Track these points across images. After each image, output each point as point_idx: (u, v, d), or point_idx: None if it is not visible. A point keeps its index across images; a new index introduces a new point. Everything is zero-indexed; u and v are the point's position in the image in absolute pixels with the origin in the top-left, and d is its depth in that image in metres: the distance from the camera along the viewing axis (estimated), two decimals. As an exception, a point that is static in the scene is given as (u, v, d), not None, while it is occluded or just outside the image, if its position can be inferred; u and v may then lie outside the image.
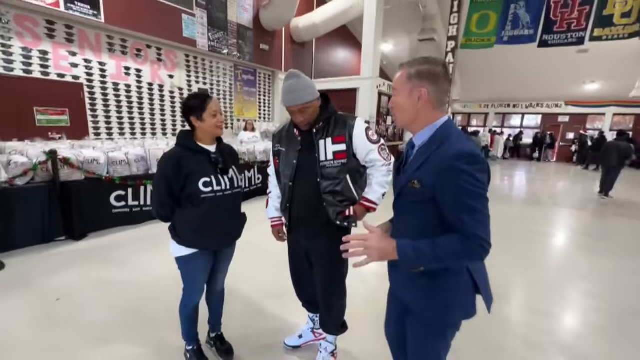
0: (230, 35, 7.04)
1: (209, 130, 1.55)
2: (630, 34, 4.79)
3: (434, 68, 0.97)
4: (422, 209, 0.99)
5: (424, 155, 0.98)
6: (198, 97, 1.53)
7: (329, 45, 10.00)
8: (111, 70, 5.47)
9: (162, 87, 6.30)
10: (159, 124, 6.39)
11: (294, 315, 2.26)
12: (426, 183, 0.95)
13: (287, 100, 1.44)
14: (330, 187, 1.51)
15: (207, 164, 1.55)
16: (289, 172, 1.59)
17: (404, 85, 1.01)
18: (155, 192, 1.54)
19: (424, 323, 1.07)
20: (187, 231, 1.54)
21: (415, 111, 1.00)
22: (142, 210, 4.16)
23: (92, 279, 2.70)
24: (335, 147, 1.50)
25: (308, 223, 1.59)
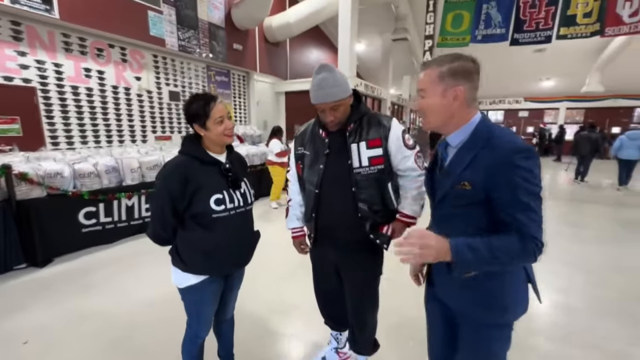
0: (201, 34, 6.64)
1: (216, 140, 1.33)
2: (591, 32, 5.14)
3: (467, 64, 0.93)
4: (472, 213, 0.95)
5: (469, 155, 0.93)
6: (199, 100, 1.28)
7: (303, 46, 9.84)
8: (69, 72, 4.91)
9: (129, 90, 5.78)
10: (127, 131, 5.86)
11: (307, 333, 2.09)
12: (477, 183, 0.90)
13: (318, 96, 1.28)
14: (366, 196, 1.35)
15: (218, 177, 1.33)
16: (314, 179, 1.41)
17: (435, 86, 0.95)
18: (156, 211, 1.29)
19: (487, 328, 1.00)
20: (196, 256, 1.30)
21: (451, 112, 0.96)
22: (117, 227, 3.74)
23: (64, 312, 2.33)
24: (370, 151, 1.34)
25: (339, 235, 1.43)
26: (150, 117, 6.21)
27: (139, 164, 3.99)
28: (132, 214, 3.89)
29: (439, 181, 1.06)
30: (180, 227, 1.32)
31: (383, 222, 1.40)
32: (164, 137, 6.54)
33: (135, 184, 3.92)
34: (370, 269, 1.49)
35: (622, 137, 6.53)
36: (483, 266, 0.89)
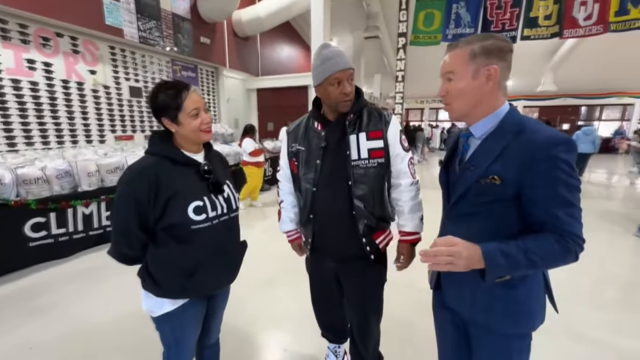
0: (164, 25, 6.16)
1: (191, 136, 1.11)
2: (551, 34, 5.44)
3: (500, 42, 0.86)
4: (499, 210, 0.86)
5: (499, 146, 0.85)
6: (168, 88, 1.06)
7: (274, 42, 9.56)
8: (7, 64, 4.28)
9: (82, 85, 5.20)
10: (81, 130, 5.28)
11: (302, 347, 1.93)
12: (508, 177, 0.82)
13: (340, 63, 1.17)
14: (363, 192, 1.24)
15: (197, 180, 1.11)
16: (311, 175, 1.29)
17: (465, 66, 0.87)
18: (118, 224, 1.07)
19: (506, 338, 0.92)
20: (172, 277, 1.08)
21: (480, 96, 0.88)
22: (72, 238, 3.31)
23: (12, 344, 1.97)
24: (371, 143, 1.24)
25: (337, 239, 1.30)
26: (109, 115, 5.66)
27: (97, 167, 3.56)
28: (91, 223, 3.47)
29: (459, 176, 0.97)
30: (151, 243, 1.10)
31: (378, 228, 1.30)
32: (124, 137, 6.00)
33: (94, 189, 3.50)
34: (374, 276, 1.38)
35: (578, 132, 7.09)
36: (518, 271, 0.82)
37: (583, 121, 14.87)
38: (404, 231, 1.31)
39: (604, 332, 2.05)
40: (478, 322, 0.95)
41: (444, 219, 1.06)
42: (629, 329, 2.09)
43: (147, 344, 1.98)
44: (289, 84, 8.17)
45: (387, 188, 1.31)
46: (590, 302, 2.39)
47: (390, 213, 1.34)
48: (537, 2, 5.38)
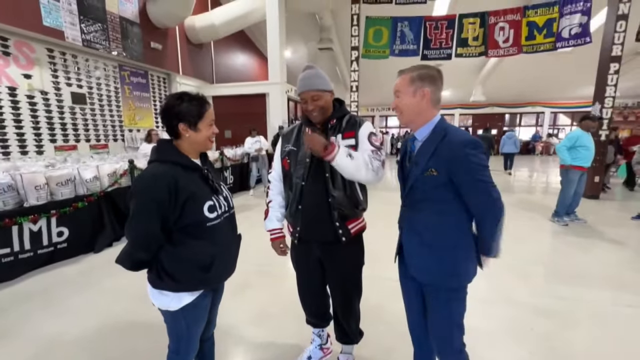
0: (110, 29, 5.83)
1: (202, 143, 1.26)
2: (479, 53, 6.34)
3: (431, 72, 1.18)
4: (441, 192, 1.17)
5: (432, 146, 1.16)
6: (192, 99, 1.21)
7: (229, 50, 9.50)
8: None
9: (15, 91, 4.70)
10: (15, 140, 4.75)
11: (286, 338, 2.08)
12: (441, 169, 1.13)
13: (302, 86, 1.44)
14: (337, 184, 1.49)
15: (202, 183, 1.25)
16: (301, 171, 1.51)
17: (407, 87, 1.19)
18: (139, 234, 1.13)
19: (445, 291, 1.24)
20: (191, 271, 1.20)
21: (419, 109, 1.19)
22: (18, 258, 3.01)
23: None
24: (344, 141, 1.49)
25: (318, 225, 1.52)
26: (47, 124, 5.18)
27: (46, 180, 3.29)
28: (40, 240, 3.18)
29: (409, 170, 1.27)
30: (167, 243, 1.19)
31: (351, 215, 1.53)
32: (67, 147, 5.51)
33: (42, 203, 3.23)
34: (351, 258, 1.60)
35: (504, 137, 8.82)
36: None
37: (507, 127, 17.18)
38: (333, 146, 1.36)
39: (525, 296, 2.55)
40: (429, 282, 1.26)
41: (402, 206, 1.35)
42: (544, 292, 2.63)
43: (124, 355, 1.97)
44: (247, 91, 8.19)
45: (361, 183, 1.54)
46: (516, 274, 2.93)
47: (363, 203, 1.58)
48: (467, 25, 6.23)
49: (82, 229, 3.53)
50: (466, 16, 6.21)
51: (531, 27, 5.94)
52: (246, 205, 5.82)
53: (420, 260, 1.25)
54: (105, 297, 2.56)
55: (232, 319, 2.29)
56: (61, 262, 3.33)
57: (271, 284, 2.78)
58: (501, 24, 6.08)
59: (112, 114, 6.31)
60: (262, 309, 2.43)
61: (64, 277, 3.05)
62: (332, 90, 1.51)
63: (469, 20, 6.20)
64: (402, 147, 1.40)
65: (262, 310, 2.42)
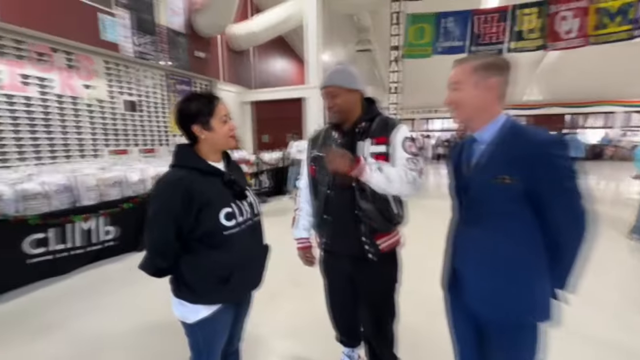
0: (160, 40, 6.21)
1: (221, 142, 1.17)
2: (537, 46, 5.72)
3: (498, 61, 1.00)
4: (515, 205, 0.95)
5: (503, 148, 0.96)
6: (201, 97, 1.15)
7: (267, 55, 9.72)
8: (2, 79, 4.24)
9: (77, 100, 5.17)
10: (75, 145, 5.21)
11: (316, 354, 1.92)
12: (516, 176, 0.93)
13: (322, 80, 1.37)
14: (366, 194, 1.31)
15: (223, 188, 1.16)
16: (327, 179, 1.39)
17: (469, 78, 1.01)
18: (155, 241, 1.09)
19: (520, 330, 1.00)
20: (208, 283, 1.12)
21: (482, 104, 1.00)
22: (71, 254, 3.23)
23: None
24: (374, 148, 1.32)
25: (345, 239, 1.38)
26: (103, 130, 5.61)
27: (97, 182, 3.52)
28: (89, 238, 3.39)
29: (469, 180, 1.05)
30: (184, 252, 1.12)
31: (381, 229, 1.34)
32: (119, 151, 5.94)
33: (93, 204, 3.45)
34: (382, 276, 1.43)
35: None
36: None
37: (568, 129, 15.41)
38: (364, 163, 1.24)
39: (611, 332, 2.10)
40: (495, 318, 1.02)
41: (457, 222, 1.12)
42: (633, 327, 2.16)
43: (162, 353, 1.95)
44: (283, 96, 8.27)
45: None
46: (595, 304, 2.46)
47: (397, 216, 1.39)
48: (522, 16, 5.66)
49: (128, 228, 3.72)
50: (522, 6, 5.66)
51: (602, 14, 5.22)
52: (282, 209, 5.81)
53: (484, 291, 1.03)
54: (146, 295, 2.61)
55: (260, 329, 2.19)
56: (107, 259, 3.52)
57: (302, 295, 2.65)
58: (564, 13, 5.43)
59: (158, 120, 6.71)
60: (291, 321, 2.32)
61: (110, 274, 3.22)
62: (357, 89, 1.35)
63: (525, 11, 5.64)
64: (455, 152, 1.17)
65: (291, 323, 2.30)
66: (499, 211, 0.98)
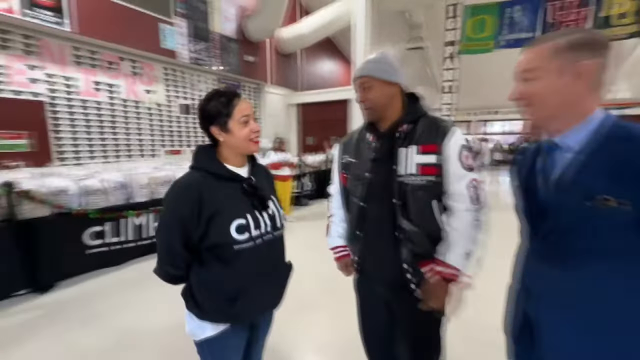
0: (213, 46, 6.53)
1: (240, 146, 1.05)
2: (629, 34, 4.80)
3: (591, 36, 0.72)
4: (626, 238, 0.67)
5: (604, 158, 0.69)
6: (220, 96, 1.03)
7: (314, 57, 9.73)
8: (79, 86, 4.78)
9: (138, 104, 5.64)
10: (136, 145, 5.68)
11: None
12: (626, 198, 0.65)
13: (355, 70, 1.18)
14: (409, 212, 1.09)
15: (241, 196, 1.05)
16: (359, 190, 1.19)
17: (549, 63, 0.73)
18: (162, 244, 1.01)
19: None
20: (214, 300, 1.01)
21: (570, 96, 0.73)
22: (123, 247, 3.46)
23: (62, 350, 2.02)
24: (422, 157, 1.09)
25: (382, 261, 1.17)
26: (160, 131, 6.05)
27: (149, 180, 3.74)
28: (140, 233, 3.62)
29: (549, 200, 0.77)
30: (195, 262, 1.04)
31: (427, 255, 1.12)
32: (174, 152, 6.36)
33: (145, 201, 3.67)
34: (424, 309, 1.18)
35: None
36: None
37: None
38: (441, 260, 1.10)
39: None
40: None
41: (527, 256, 0.85)
42: None
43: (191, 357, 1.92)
44: (328, 98, 8.19)
45: (442, 210, 1.13)
46: None
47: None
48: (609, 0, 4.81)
49: (174, 225, 3.90)
50: (610, -12, 4.80)
51: None
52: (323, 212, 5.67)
53: (580, 355, 0.76)
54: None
55: (289, 341, 2.06)
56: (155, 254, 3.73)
57: (336, 307, 2.47)
58: (668, -8, 4.48)
59: (210, 122, 7.07)
60: (323, 336, 2.15)
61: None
62: (396, 82, 1.14)
63: (613, -7, 4.77)
64: (524, 161, 0.90)
65: (322, 337, 2.14)
66: (600, 247, 0.69)
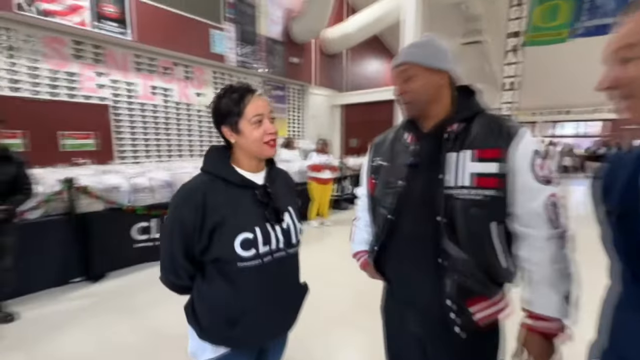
0: (259, 49, 6.67)
1: (253, 149, 0.93)
2: None
3: None
4: None
5: None
6: (233, 92, 0.91)
7: (360, 57, 9.48)
8: (138, 90, 5.19)
9: (189, 106, 5.96)
10: (186, 145, 6.02)
11: None
12: None
13: (394, 59, 0.96)
14: (458, 235, 0.84)
15: (252, 205, 0.92)
16: (389, 199, 0.97)
17: None
18: (164, 251, 0.92)
19: None
20: (214, 320, 0.91)
21: None
22: (166, 243, 3.63)
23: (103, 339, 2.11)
24: (479, 165, 0.83)
25: (416, 292, 0.94)
26: (208, 132, 6.33)
27: (192, 179, 3.88)
28: (183, 230, 3.77)
29: None
30: (199, 273, 0.94)
31: (478, 291, 0.86)
32: (221, 151, 6.63)
33: (187, 199, 3.81)
34: (477, 356, 0.93)
35: None
36: None
37: None
38: (532, 312, 0.83)
39: None
40: None
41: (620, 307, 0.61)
42: None
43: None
44: (373, 98, 7.89)
45: (503, 235, 0.85)
46: None
47: (506, 273, 0.88)
48: None
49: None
50: None
51: None
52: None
53: None
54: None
55: (315, 366, 1.89)
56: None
57: (370, 325, 2.23)
58: None
59: (255, 123, 7.23)
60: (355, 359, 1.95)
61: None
62: (445, 70, 0.91)
63: None
64: (617, 174, 0.63)
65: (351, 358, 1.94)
66: None
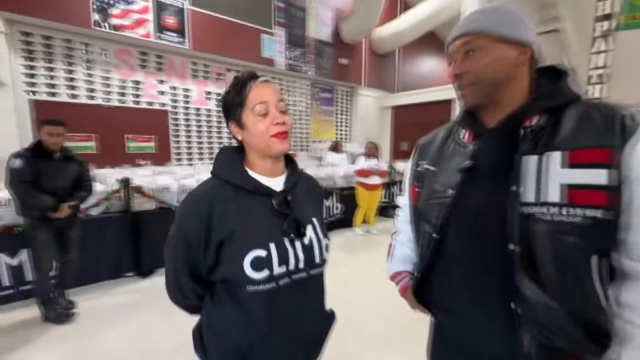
0: (308, 51, 6.63)
1: (260, 144, 0.76)
2: None
3: None
4: None
5: None
6: (237, 84, 0.76)
7: (413, 55, 8.94)
8: (194, 96, 5.48)
9: (241, 110, 6.15)
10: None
11: None
12: None
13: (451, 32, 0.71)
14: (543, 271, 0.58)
15: (267, 216, 0.75)
16: (434, 214, 0.74)
17: None
18: (168, 264, 0.79)
19: None
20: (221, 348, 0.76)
21: None
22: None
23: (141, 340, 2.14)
24: (575, 173, 0.56)
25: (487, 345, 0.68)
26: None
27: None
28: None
29: None
30: (207, 293, 0.80)
31: (569, 350, 0.59)
32: (268, 154, 6.73)
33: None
34: None
35: None
36: None
37: None
38: None
39: None
40: None
41: None
42: None
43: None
44: (427, 98, 7.34)
45: (606, 273, 0.58)
46: None
47: (609, 325, 0.59)
48: None
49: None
50: None
51: None
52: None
53: None
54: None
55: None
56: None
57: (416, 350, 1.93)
58: None
59: (302, 127, 7.20)
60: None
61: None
62: (525, 42, 0.64)
63: None
64: None
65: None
66: None
